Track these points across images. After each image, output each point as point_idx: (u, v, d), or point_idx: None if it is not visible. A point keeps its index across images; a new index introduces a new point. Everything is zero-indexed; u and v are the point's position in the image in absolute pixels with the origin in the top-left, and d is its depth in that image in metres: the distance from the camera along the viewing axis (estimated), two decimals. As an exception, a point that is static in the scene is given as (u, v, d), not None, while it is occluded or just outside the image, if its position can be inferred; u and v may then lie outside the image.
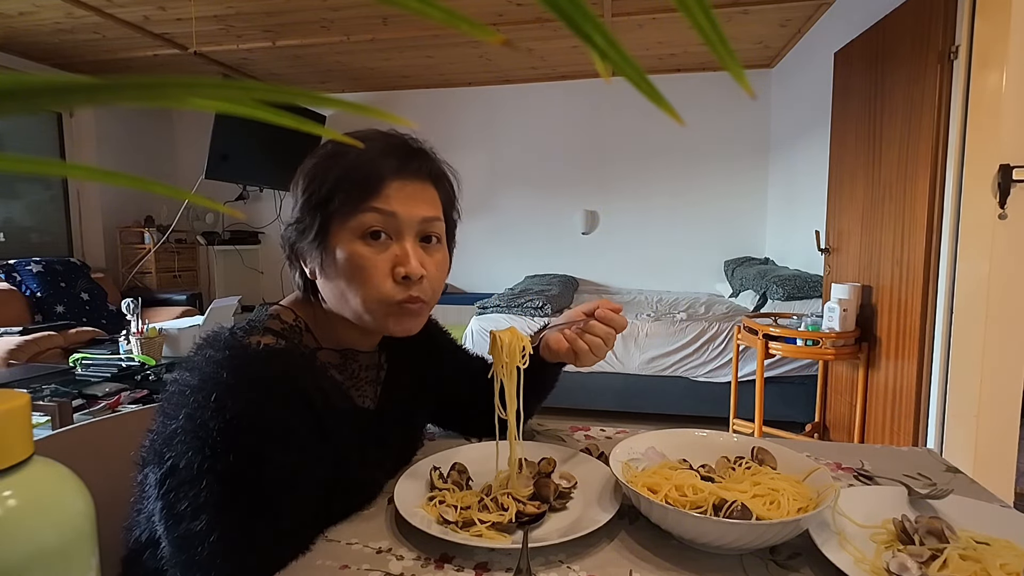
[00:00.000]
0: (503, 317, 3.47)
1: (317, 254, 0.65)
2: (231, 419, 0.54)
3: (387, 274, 0.64)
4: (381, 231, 0.63)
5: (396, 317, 0.66)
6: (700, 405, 3.15)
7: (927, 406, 2.04)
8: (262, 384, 0.58)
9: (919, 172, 2.05)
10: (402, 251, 0.64)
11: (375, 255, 0.63)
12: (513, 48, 3.98)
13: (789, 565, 0.58)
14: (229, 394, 0.55)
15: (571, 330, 0.76)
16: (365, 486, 0.70)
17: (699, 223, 4.74)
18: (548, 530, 0.64)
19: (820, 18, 3.36)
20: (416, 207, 0.65)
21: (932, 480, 0.75)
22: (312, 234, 0.64)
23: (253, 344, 0.61)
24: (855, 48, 2.56)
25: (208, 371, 0.57)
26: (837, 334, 2.35)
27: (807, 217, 3.41)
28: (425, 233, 0.67)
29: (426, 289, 0.66)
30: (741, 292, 4.00)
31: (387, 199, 0.63)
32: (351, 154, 0.64)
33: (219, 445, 0.53)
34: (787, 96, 4.11)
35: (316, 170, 0.65)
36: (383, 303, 0.64)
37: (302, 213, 0.65)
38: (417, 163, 0.67)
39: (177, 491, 0.53)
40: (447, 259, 0.71)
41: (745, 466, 0.70)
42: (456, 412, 0.91)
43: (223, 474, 0.53)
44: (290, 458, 0.58)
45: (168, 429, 0.55)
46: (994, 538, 0.59)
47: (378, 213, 0.63)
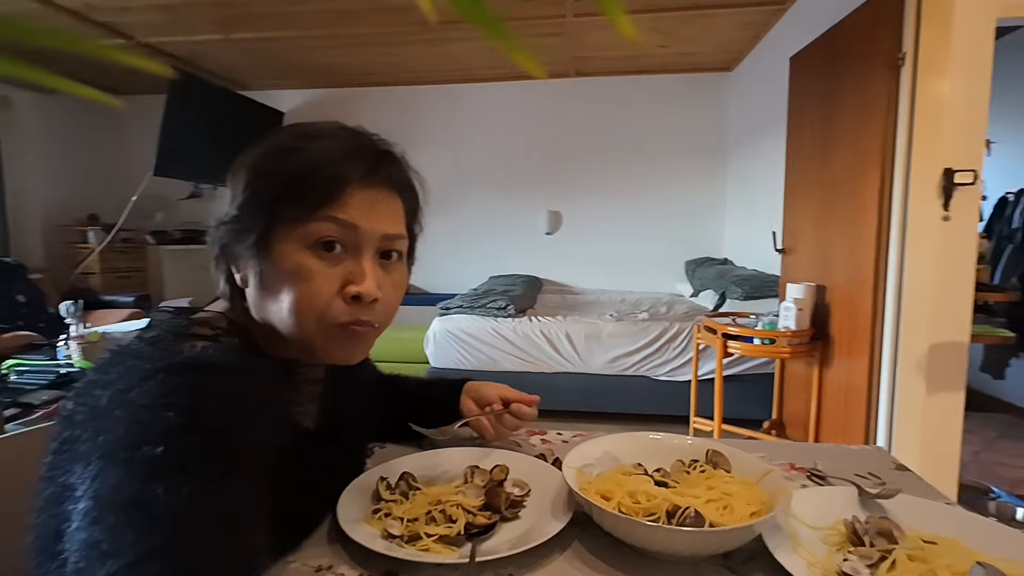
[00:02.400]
0: (466, 318, 3.44)
1: (255, 261, 0.56)
2: (199, 437, 0.46)
3: (335, 291, 0.56)
4: (335, 242, 0.56)
5: (339, 342, 0.58)
6: (661, 404, 3.18)
7: (877, 403, 2.11)
8: (227, 392, 0.49)
9: (869, 175, 2.11)
10: (357, 268, 0.57)
11: (325, 268, 0.55)
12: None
13: (743, 571, 0.57)
14: (189, 405, 0.47)
15: (487, 417, 0.84)
16: (302, 517, 0.64)
17: (661, 224, 4.80)
18: (499, 541, 0.61)
19: (777, 23, 3.44)
20: (379, 221, 0.58)
21: (882, 479, 0.76)
22: (252, 237, 0.56)
23: (188, 348, 0.53)
24: (810, 53, 2.62)
25: (143, 387, 0.47)
26: (792, 333, 2.40)
27: (764, 218, 3.49)
28: (386, 249, 0.60)
29: (378, 313, 0.59)
30: (701, 292, 4.06)
31: (347, 208, 0.55)
32: (309, 150, 0.56)
33: (185, 469, 0.45)
34: (745, 99, 4.20)
35: (264, 164, 0.57)
36: (326, 325, 0.56)
37: (242, 212, 0.57)
38: (386, 170, 0.59)
39: (113, 530, 0.42)
40: (406, 278, 0.64)
41: (699, 469, 0.69)
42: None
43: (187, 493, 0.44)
44: (257, 480, 0.50)
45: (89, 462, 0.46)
46: (941, 537, 0.59)
47: (335, 224, 0.55)
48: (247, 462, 0.49)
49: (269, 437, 0.52)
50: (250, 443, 0.49)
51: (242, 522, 0.47)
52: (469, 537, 0.61)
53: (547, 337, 3.32)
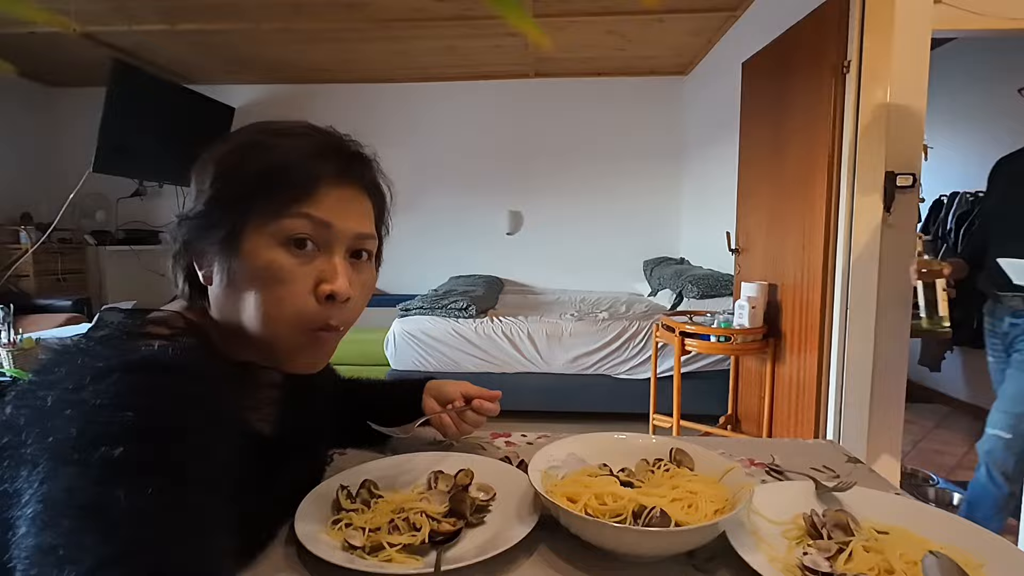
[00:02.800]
0: (427, 319, 3.40)
1: (223, 257, 0.54)
2: (160, 440, 0.44)
3: (309, 290, 0.55)
4: (308, 240, 0.55)
5: (306, 349, 0.57)
6: (622, 402, 3.23)
7: (827, 397, 2.19)
8: (188, 392, 0.47)
9: (817, 178, 2.20)
10: (330, 266, 0.56)
11: (298, 266, 0.55)
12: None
13: (707, 568, 0.58)
14: (149, 405, 0.44)
15: (449, 415, 0.83)
16: (258, 528, 0.61)
17: (619, 224, 4.88)
18: (464, 548, 0.60)
19: (729, 29, 3.54)
20: (351, 219, 0.57)
21: (836, 472, 0.78)
22: (220, 233, 0.54)
23: (144, 347, 0.50)
24: (760, 59, 2.71)
25: (97, 387, 0.44)
26: (746, 330, 2.47)
27: (719, 218, 3.59)
28: (356, 249, 0.59)
29: (347, 315, 0.58)
30: (659, 291, 4.15)
31: (320, 206, 0.55)
32: (280, 147, 0.56)
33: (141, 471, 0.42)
34: (700, 102, 4.31)
35: (233, 160, 0.56)
36: (298, 326, 0.55)
37: (209, 208, 0.55)
38: (358, 169, 0.59)
39: (70, 535, 0.39)
40: (374, 280, 0.64)
41: (664, 468, 0.69)
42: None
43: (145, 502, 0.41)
44: (219, 484, 0.47)
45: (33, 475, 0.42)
46: (892, 526, 0.61)
47: (308, 220, 0.54)
48: (210, 465, 0.47)
49: (231, 441, 0.50)
50: (212, 446, 0.48)
51: (207, 526, 0.45)
52: (434, 545, 0.59)
53: (509, 337, 3.32)
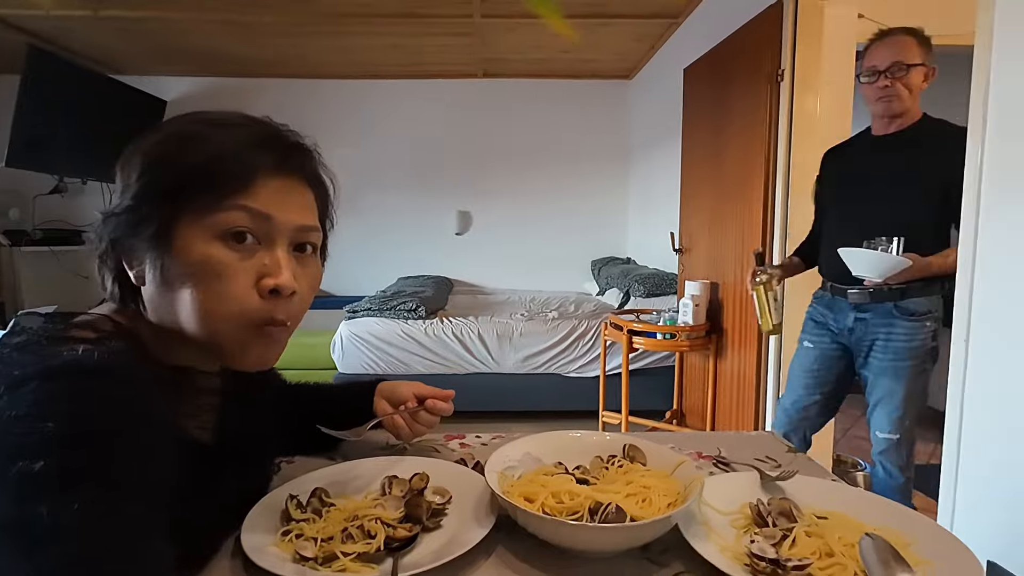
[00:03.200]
0: (375, 321, 3.34)
1: (155, 254, 0.51)
2: (84, 450, 0.41)
3: (251, 285, 0.53)
4: (247, 233, 0.52)
5: (253, 344, 0.55)
6: (572, 400, 3.27)
7: (765, 390, 2.30)
8: (114, 397, 0.44)
9: (754, 181, 2.30)
10: (272, 260, 0.53)
11: (238, 261, 0.52)
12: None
13: (661, 560, 0.59)
14: (71, 412, 0.41)
15: (402, 416, 0.81)
16: (200, 543, 0.58)
17: (567, 224, 4.94)
18: (421, 553, 0.59)
19: (671, 36, 3.65)
20: (293, 211, 0.55)
21: (778, 462, 0.82)
22: (151, 229, 0.51)
23: (67, 352, 0.46)
24: (701, 66, 2.81)
25: (14, 397, 0.42)
26: (690, 327, 2.56)
27: (663, 219, 3.69)
28: (300, 242, 0.57)
29: (293, 309, 0.56)
30: (607, 290, 4.23)
31: (259, 198, 0.53)
32: (215, 138, 0.53)
33: (63, 485, 0.39)
34: (644, 106, 4.42)
35: (163, 152, 0.53)
36: (242, 322, 0.53)
37: (138, 202, 0.51)
38: (298, 160, 0.57)
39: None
40: (320, 273, 0.61)
41: (618, 464, 0.70)
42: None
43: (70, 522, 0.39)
44: (153, 494, 0.45)
45: None
46: (831, 511, 0.65)
47: (246, 213, 0.52)
48: (142, 473, 0.44)
49: (165, 448, 0.48)
50: (143, 453, 0.45)
51: (142, 538, 0.43)
52: (390, 552, 0.58)
53: (459, 338, 3.30)
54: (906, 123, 1.62)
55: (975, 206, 1.48)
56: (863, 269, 1.49)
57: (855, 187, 1.71)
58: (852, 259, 1.51)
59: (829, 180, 1.83)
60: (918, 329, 1.59)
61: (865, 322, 1.66)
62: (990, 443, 1.46)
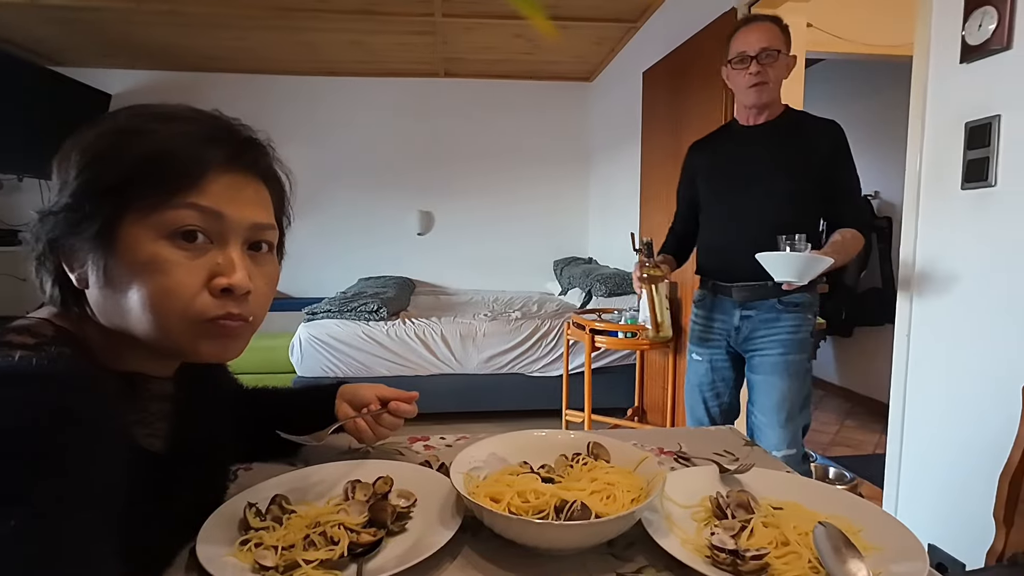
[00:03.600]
0: (335, 323, 3.27)
1: (97, 254, 0.49)
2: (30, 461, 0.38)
3: (201, 285, 0.51)
4: (197, 231, 0.50)
5: (210, 339, 0.52)
6: (535, 399, 3.29)
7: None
8: (55, 406, 0.41)
9: (711, 182, 2.36)
10: (225, 259, 0.52)
11: (187, 260, 0.50)
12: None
13: (625, 556, 0.60)
14: (5, 424, 0.39)
15: (364, 419, 0.80)
16: (153, 556, 0.56)
17: (530, 225, 4.96)
18: (386, 558, 0.58)
19: (631, 39, 3.71)
20: (246, 209, 0.53)
21: (736, 456, 0.85)
22: (93, 227, 0.48)
23: (2, 359, 0.44)
24: (659, 69, 2.87)
25: None
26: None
27: (624, 220, 3.75)
28: (255, 240, 0.55)
29: (252, 307, 0.54)
30: (569, 290, 4.27)
31: (210, 194, 0.50)
32: (162, 132, 0.50)
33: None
34: (604, 108, 4.49)
35: (105, 147, 0.50)
36: (193, 321, 0.51)
37: (78, 200, 0.48)
38: (251, 156, 0.55)
39: None
40: (277, 272, 0.59)
41: (582, 462, 0.71)
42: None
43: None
44: (100, 508, 0.42)
45: None
46: (786, 502, 0.67)
47: (196, 211, 0.50)
48: (85, 487, 0.41)
49: (113, 456, 0.45)
50: (87, 465, 0.42)
51: (89, 551, 0.40)
52: (353, 558, 0.57)
53: (422, 339, 3.27)
54: (773, 114, 1.57)
55: (915, 211, 1.56)
56: (786, 273, 1.34)
57: (729, 180, 1.63)
58: (774, 264, 1.35)
59: (700, 174, 1.72)
60: (802, 320, 1.56)
61: (751, 319, 1.59)
62: (929, 434, 1.55)
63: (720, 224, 1.66)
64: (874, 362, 3.43)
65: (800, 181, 1.52)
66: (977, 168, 1.35)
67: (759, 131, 1.59)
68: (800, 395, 1.56)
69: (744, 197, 1.59)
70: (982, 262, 1.37)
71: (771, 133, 1.57)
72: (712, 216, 1.70)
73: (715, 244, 1.69)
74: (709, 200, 1.70)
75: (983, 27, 1.31)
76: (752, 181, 1.57)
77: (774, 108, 1.58)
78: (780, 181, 1.53)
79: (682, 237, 1.81)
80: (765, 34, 1.50)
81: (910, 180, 1.56)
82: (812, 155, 1.51)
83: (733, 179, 1.62)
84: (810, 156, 1.51)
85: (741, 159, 1.61)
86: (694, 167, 1.75)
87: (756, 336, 1.59)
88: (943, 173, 1.46)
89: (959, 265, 1.43)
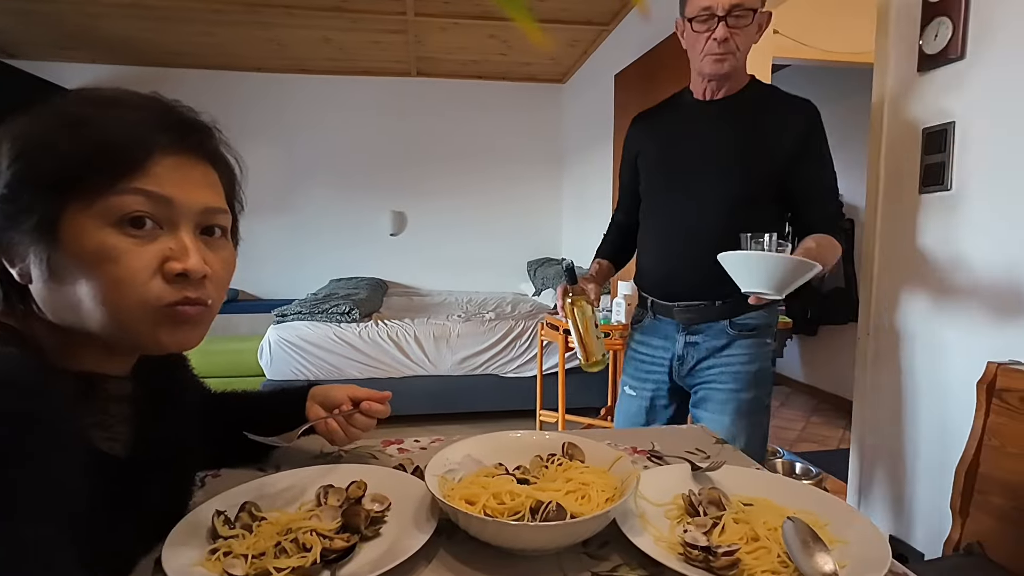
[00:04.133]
0: (305, 325, 3.22)
1: (40, 247, 0.47)
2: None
3: (154, 271, 0.49)
4: (146, 217, 0.49)
5: (169, 326, 0.51)
6: (509, 400, 3.29)
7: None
8: (5, 410, 0.39)
9: (682, 184, 2.40)
10: (178, 245, 0.50)
11: (137, 247, 0.48)
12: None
13: (600, 555, 0.60)
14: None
15: (335, 419, 0.78)
16: (115, 567, 0.54)
17: (503, 225, 4.97)
18: (360, 564, 0.57)
19: (603, 42, 3.74)
20: (196, 192, 0.52)
21: (707, 453, 0.86)
22: (32, 220, 0.46)
23: None
24: (631, 72, 2.90)
25: None
26: (623, 326, 2.64)
27: (597, 221, 3.78)
28: (207, 224, 0.54)
29: (209, 291, 0.53)
30: (543, 291, 4.28)
31: (157, 179, 0.49)
32: (101, 118, 0.49)
33: None
34: (577, 109, 4.52)
35: (41, 133, 0.48)
36: (149, 308, 0.49)
37: (13, 191, 0.47)
38: (197, 138, 0.54)
39: None
40: (233, 257, 0.58)
41: (557, 463, 0.71)
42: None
43: None
44: (57, 517, 0.41)
45: None
46: (756, 498, 0.69)
47: (144, 197, 0.48)
48: (42, 495, 0.40)
49: (70, 464, 0.43)
50: (43, 468, 0.40)
51: (44, 563, 0.39)
52: (326, 564, 0.56)
53: (395, 341, 3.24)
54: (735, 86, 1.25)
55: (876, 214, 1.61)
56: (760, 280, 0.99)
57: (675, 167, 1.29)
58: (745, 267, 1.01)
59: (644, 156, 1.38)
60: (758, 348, 1.27)
61: (696, 347, 1.29)
62: (889, 429, 1.60)
63: (661, 224, 1.33)
64: (838, 360, 3.54)
65: (764, 172, 1.21)
66: (934, 173, 1.40)
67: (717, 107, 1.26)
68: (755, 438, 1.28)
69: (693, 189, 1.25)
70: (939, 263, 1.42)
71: (732, 110, 1.24)
72: (652, 212, 1.36)
73: (653, 250, 1.36)
74: (649, 190, 1.36)
75: (939, 37, 1.36)
76: (703, 170, 1.25)
77: (737, 79, 1.24)
78: (739, 172, 1.22)
79: (626, 230, 1.48)
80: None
81: (871, 184, 1.61)
82: (781, 140, 1.20)
83: (679, 166, 1.28)
84: (779, 141, 1.20)
85: (691, 141, 1.28)
86: (636, 145, 1.41)
87: (703, 367, 1.29)
88: (902, 177, 1.51)
89: (918, 266, 1.49)
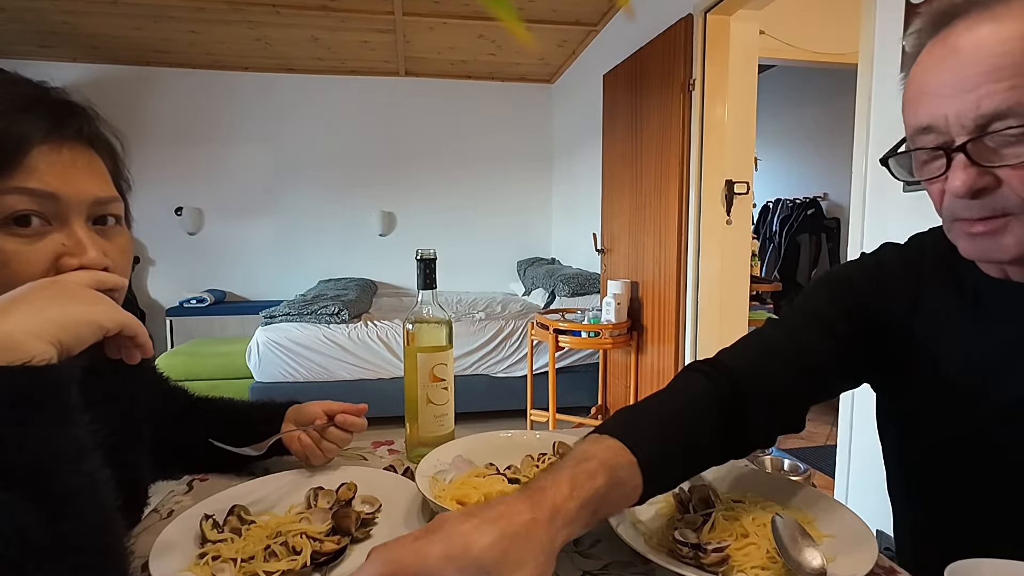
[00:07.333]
0: (294, 326, 3.19)
1: None
2: None
3: (47, 269, 0.47)
4: (31, 215, 0.47)
5: None
6: (500, 400, 3.29)
7: (682, 382, 2.41)
8: None
9: (670, 184, 2.41)
10: (72, 240, 0.48)
11: (25, 247, 0.46)
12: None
13: (591, 553, 0.60)
14: None
15: (309, 433, 0.74)
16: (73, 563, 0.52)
17: (493, 226, 4.96)
18: (350, 566, 0.57)
19: (591, 42, 3.75)
20: (83, 184, 0.49)
21: (697, 451, 0.86)
22: None
23: None
24: (619, 73, 2.91)
25: None
26: (613, 325, 2.65)
27: (586, 221, 3.80)
28: (99, 215, 0.52)
29: None
30: (532, 290, 4.29)
31: (37, 174, 0.46)
32: None
33: None
34: (566, 110, 4.53)
35: None
36: None
37: None
38: (74, 123, 0.50)
39: None
40: (131, 243, 0.56)
41: (548, 462, 0.71)
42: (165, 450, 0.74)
43: None
44: None
45: None
46: (745, 495, 0.69)
47: (26, 195, 0.46)
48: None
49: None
50: None
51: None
52: (317, 567, 0.55)
53: (385, 341, 3.23)
54: None
55: (861, 213, 1.63)
56: None
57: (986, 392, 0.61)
58: None
59: (907, 339, 0.68)
60: None
61: None
62: (875, 425, 1.61)
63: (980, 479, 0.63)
64: (825, 357, 3.56)
65: None
66: (918, 172, 1.42)
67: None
68: None
69: None
70: (923, 261, 1.44)
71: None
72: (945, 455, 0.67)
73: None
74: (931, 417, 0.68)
75: (922, 38, 1.38)
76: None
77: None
78: None
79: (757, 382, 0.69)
80: (995, 67, 0.48)
81: (856, 183, 1.63)
82: None
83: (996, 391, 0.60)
84: None
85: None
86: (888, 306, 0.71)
87: None
88: (886, 177, 1.53)
89: (902, 264, 1.50)
